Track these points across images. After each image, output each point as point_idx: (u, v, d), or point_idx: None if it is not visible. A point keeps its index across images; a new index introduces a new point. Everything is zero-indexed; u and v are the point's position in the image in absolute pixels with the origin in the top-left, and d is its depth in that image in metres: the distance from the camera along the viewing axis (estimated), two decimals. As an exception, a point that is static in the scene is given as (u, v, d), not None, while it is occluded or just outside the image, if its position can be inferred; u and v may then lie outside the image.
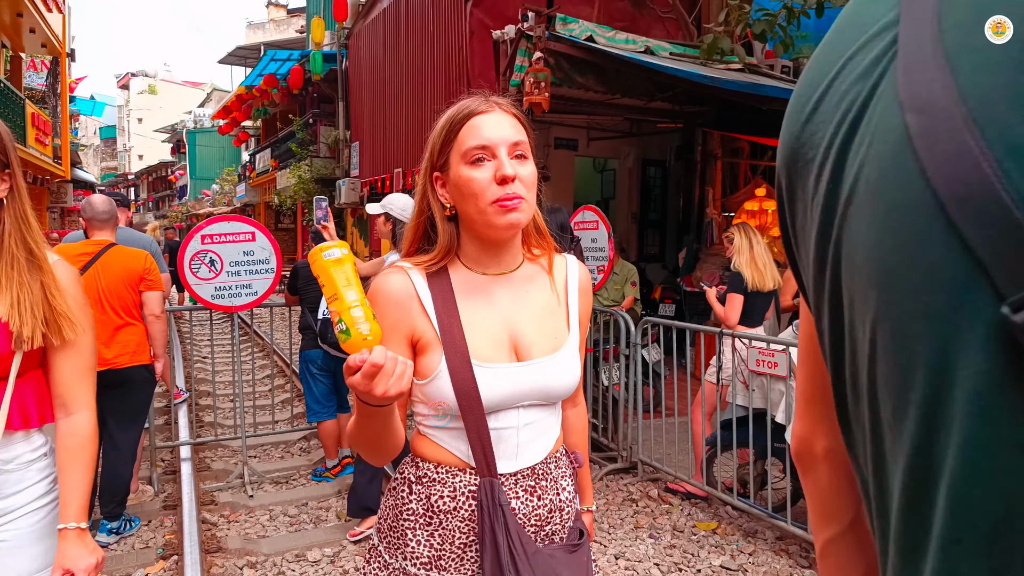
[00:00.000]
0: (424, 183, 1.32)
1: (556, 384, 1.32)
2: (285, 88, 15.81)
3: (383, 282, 1.29)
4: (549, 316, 1.35)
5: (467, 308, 1.29)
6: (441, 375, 1.25)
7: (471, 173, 1.22)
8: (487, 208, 1.22)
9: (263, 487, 4.67)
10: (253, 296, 4.59)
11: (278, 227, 22.62)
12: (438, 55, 8.60)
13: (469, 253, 1.33)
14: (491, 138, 1.22)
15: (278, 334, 10.31)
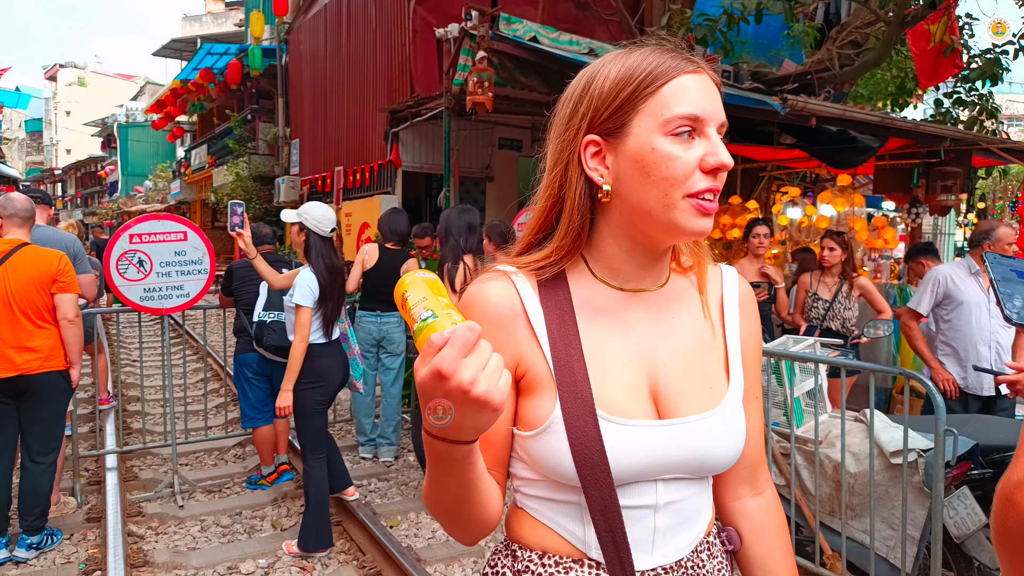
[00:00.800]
0: (564, 149, 0.94)
1: (712, 453, 0.94)
2: (222, 83, 15.35)
3: (479, 291, 0.95)
4: (702, 355, 0.98)
5: (593, 335, 0.94)
6: (554, 428, 0.89)
7: (673, 149, 0.87)
8: (679, 202, 0.88)
9: (194, 496, 4.49)
10: (185, 298, 4.41)
11: (215, 226, 21.96)
12: (380, 53, 8.48)
13: (605, 257, 0.96)
14: (707, 109, 0.88)
15: (214, 336, 9.97)
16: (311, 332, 3.51)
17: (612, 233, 0.95)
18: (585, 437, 0.88)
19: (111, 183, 35.93)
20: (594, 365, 0.92)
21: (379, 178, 8.51)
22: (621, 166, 0.90)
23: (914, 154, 6.27)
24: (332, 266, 3.54)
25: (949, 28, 7.23)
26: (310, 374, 3.55)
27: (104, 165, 38.88)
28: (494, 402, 0.70)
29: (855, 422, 3.33)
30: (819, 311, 4.74)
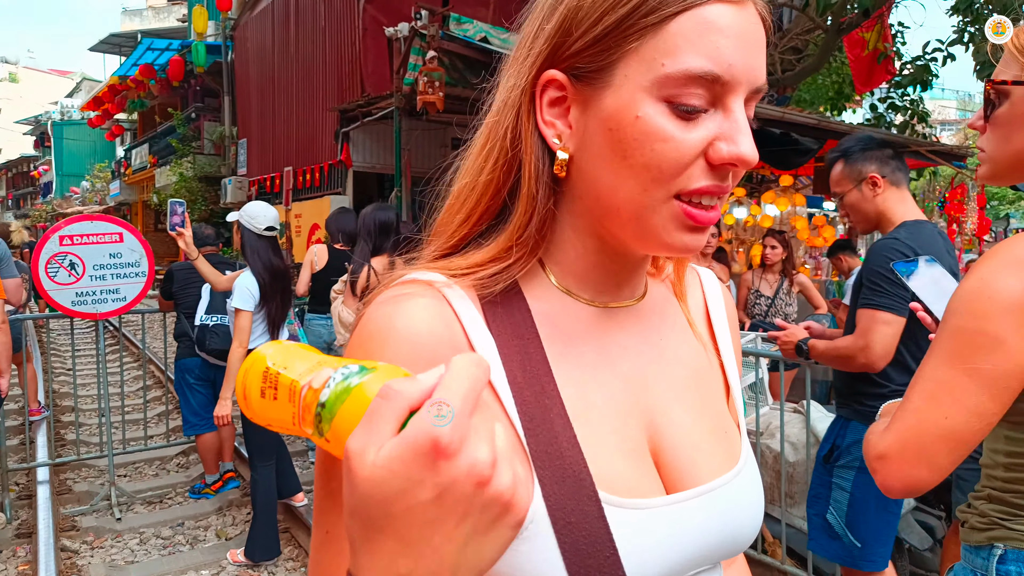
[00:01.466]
0: (516, 86, 0.62)
1: (745, 527, 0.67)
2: (164, 80, 14.90)
3: (393, 315, 0.58)
4: (704, 387, 0.72)
5: (569, 374, 0.63)
6: (536, 530, 0.56)
7: (667, 125, 0.56)
8: (661, 203, 0.58)
9: (133, 508, 4.34)
10: (121, 302, 4.25)
11: (157, 228, 21.31)
12: (330, 51, 8.36)
13: (568, 258, 0.66)
14: (736, 67, 0.56)
15: (155, 342, 9.67)
16: (255, 336, 3.41)
17: (574, 225, 0.65)
18: (587, 537, 0.56)
19: (45, 184, 34.57)
20: (579, 420, 0.61)
21: (329, 178, 8.38)
22: (589, 129, 0.60)
23: (852, 157, 6.48)
24: (272, 266, 3.41)
25: (882, 36, 7.52)
26: None
27: (37, 165, 37.39)
28: (520, 508, 0.41)
29: (794, 413, 3.45)
30: (762, 308, 4.85)
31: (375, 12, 7.22)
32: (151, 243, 15.32)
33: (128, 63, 16.47)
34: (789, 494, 3.22)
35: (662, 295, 0.75)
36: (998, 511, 1.03)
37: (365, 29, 7.25)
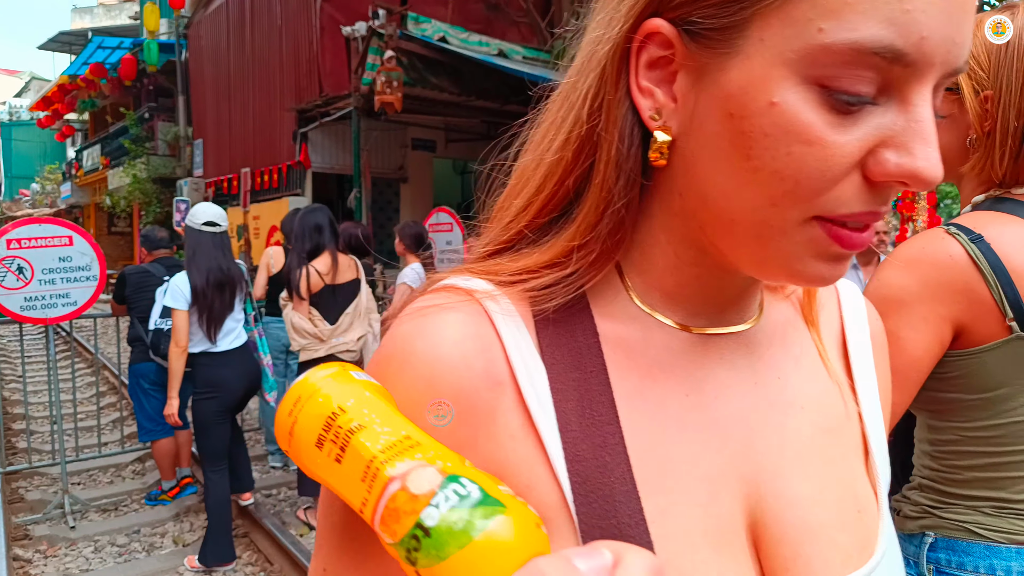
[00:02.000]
0: (600, 43, 0.46)
1: None
2: (116, 79, 14.52)
3: (420, 336, 0.46)
4: (833, 445, 0.53)
5: (645, 423, 0.47)
6: None
7: (815, 121, 0.39)
8: (797, 228, 0.42)
9: (87, 516, 4.24)
10: (72, 306, 4.14)
11: (111, 231, 20.76)
12: (287, 50, 8.25)
13: (655, 268, 0.50)
14: (930, 40, 0.38)
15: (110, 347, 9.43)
16: (194, 335, 3.38)
17: (667, 227, 0.49)
18: None
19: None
20: (651, 487, 0.45)
21: (288, 180, 8.28)
22: (701, 108, 0.43)
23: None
24: (210, 266, 3.38)
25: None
26: (204, 384, 3.45)
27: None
28: None
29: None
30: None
31: (332, 11, 7.16)
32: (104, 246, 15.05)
33: (78, 62, 16.03)
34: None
35: (784, 317, 0.56)
36: (929, 500, 1.06)
37: (322, 28, 7.18)
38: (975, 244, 0.94)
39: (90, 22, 25.20)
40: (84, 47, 15.93)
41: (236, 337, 3.57)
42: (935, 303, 0.95)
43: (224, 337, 3.48)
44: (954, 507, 1.03)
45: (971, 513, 1.01)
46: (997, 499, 1.00)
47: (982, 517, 1.00)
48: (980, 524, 1.00)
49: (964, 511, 1.02)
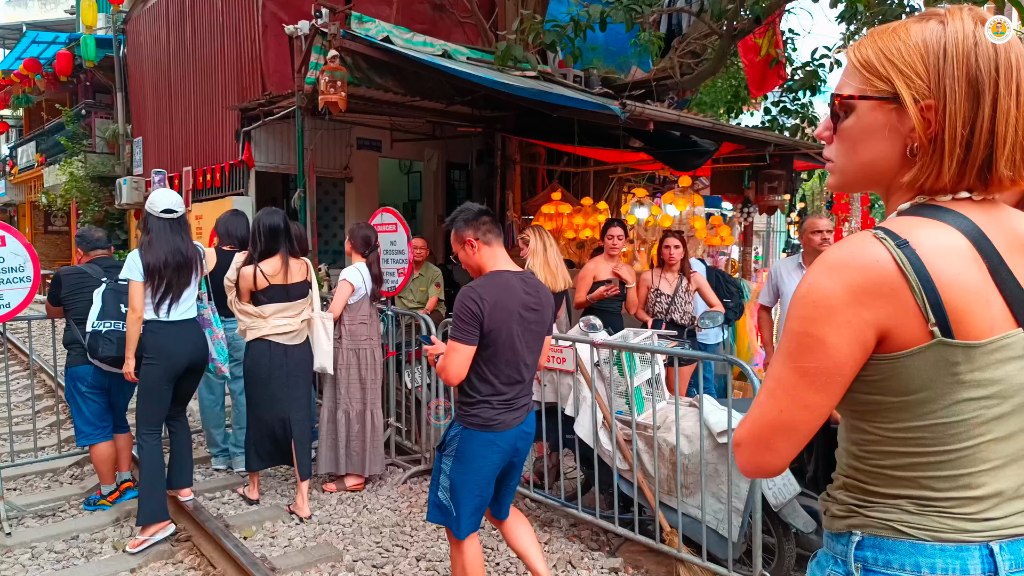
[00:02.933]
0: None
1: None
2: (51, 74, 14.01)
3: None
4: None
5: None
6: None
7: None
8: None
9: (24, 522, 4.14)
10: (5, 308, 4.03)
11: (48, 230, 20.00)
12: (229, 48, 8.12)
13: None
14: None
15: (46, 349, 9.13)
16: (149, 308, 3.70)
17: None
18: None
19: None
20: None
21: (231, 179, 8.14)
22: None
23: (745, 158, 6.85)
24: (163, 245, 3.68)
25: (774, 42, 7.96)
26: (150, 350, 3.71)
27: (-90, 162, 34.31)
28: None
29: (689, 407, 3.62)
30: (662, 305, 5.08)
31: (275, 9, 7.07)
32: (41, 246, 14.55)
33: (12, 56, 15.38)
34: (685, 485, 3.38)
35: None
36: (854, 499, 1.08)
37: (265, 26, 7.09)
38: (901, 249, 0.95)
39: (24, 15, 24.16)
40: (18, 41, 15.32)
41: (187, 310, 3.82)
42: (860, 308, 0.95)
43: (175, 309, 3.76)
44: (879, 506, 1.04)
45: (895, 511, 1.03)
46: (920, 497, 1.01)
47: (906, 515, 1.02)
48: (904, 522, 1.02)
49: (889, 509, 1.03)
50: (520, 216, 7.88)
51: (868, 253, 0.96)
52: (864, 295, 0.95)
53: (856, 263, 0.96)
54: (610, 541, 3.87)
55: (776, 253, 12.72)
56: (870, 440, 1.04)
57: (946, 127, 0.96)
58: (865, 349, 0.97)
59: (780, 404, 1.02)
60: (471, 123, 7.66)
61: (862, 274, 0.95)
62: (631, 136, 6.72)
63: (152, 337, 3.72)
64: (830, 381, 0.99)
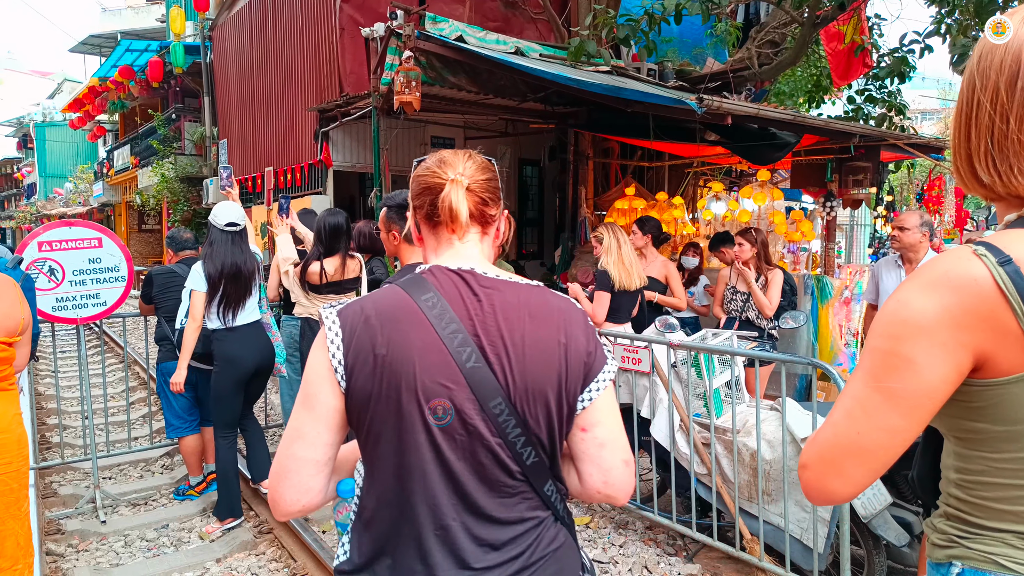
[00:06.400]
0: None
1: None
2: (144, 81, 14.78)
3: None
4: None
5: None
6: None
7: None
8: None
9: (118, 511, 4.36)
10: (101, 307, 4.26)
11: (142, 228, 21.15)
12: (308, 51, 8.34)
13: None
14: None
15: (141, 343, 9.64)
16: (211, 316, 3.86)
17: None
18: None
19: (29, 185, 34.15)
20: None
21: (310, 178, 8.38)
22: None
23: (827, 149, 6.56)
24: (221, 257, 3.85)
25: (859, 29, 7.59)
26: (219, 357, 3.89)
27: (20, 167, 36.91)
28: None
29: (770, 410, 3.48)
30: (738, 303, 4.92)
31: (352, 12, 7.21)
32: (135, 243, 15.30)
33: (108, 64, 16.31)
34: (766, 491, 3.25)
35: None
36: (955, 528, 1.03)
37: (342, 29, 7.24)
38: (1003, 267, 0.87)
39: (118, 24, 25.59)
40: (113, 50, 16.22)
41: (249, 314, 3.98)
42: (956, 330, 0.88)
43: (239, 315, 3.93)
44: (982, 538, 0.99)
45: (999, 545, 0.97)
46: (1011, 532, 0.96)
47: (1010, 550, 0.96)
48: (1008, 556, 0.96)
49: (992, 543, 0.98)
50: (593, 212, 7.79)
51: (966, 271, 0.89)
52: (962, 316, 0.88)
53: (953, 282, 0.89)
54: (687, 546, 3.77)
55: (861, 248, 12.15)
56: (975, 470, 0.98)
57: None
58: (960, 373, 0.90)
59: (858, 426, 0.94)
60: (543, 119, 7.62)
61: (959, 293, 0.88)
62: (707, 129, 6.53)
63: (219, 345, 3.88)
64: (917, 404, 0.91)
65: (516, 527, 1.14)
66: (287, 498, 1.12)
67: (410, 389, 1.08)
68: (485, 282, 1.17)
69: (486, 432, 1.10)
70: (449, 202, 1.18)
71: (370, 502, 1.15)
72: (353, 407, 1.12)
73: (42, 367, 8.90)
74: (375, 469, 1.14)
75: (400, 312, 1.12)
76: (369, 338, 1.10)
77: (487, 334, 1.12)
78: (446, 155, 1.24)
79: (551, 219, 9.68)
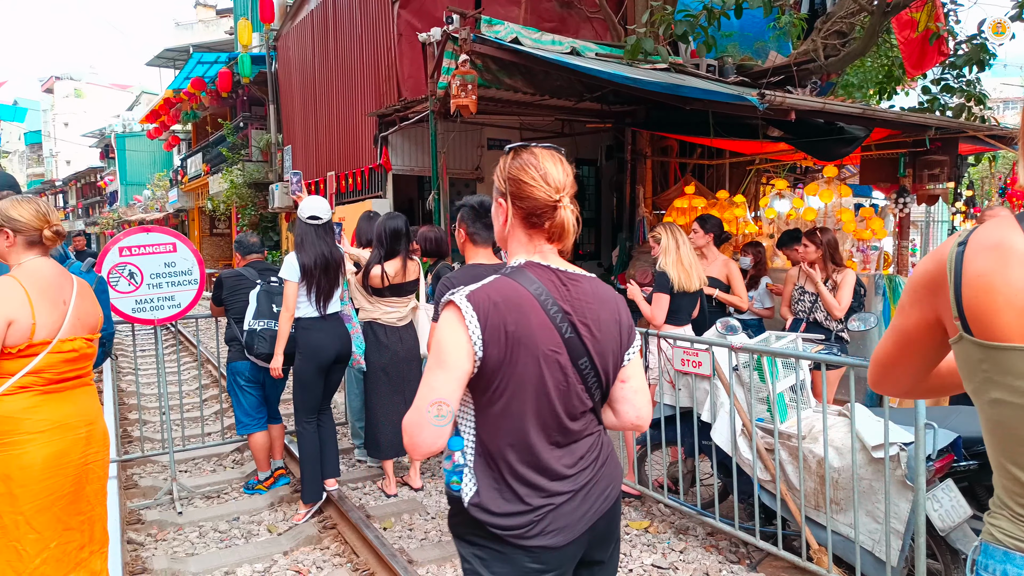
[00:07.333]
0: None
1: None
2: (214, 91, 15.39)
3: None
4: None
5: None
6: None
7: None
8: None
9: (193, 502, 4.55)
10: (176, 308, 4.45)
11: (213, 232, 22.00)
12: (367, 57, 8.51)
13: None
14: None
15: (213, 342, 10.04)
16: (302, 305, 4.04)
17: None
18: None
19: (111, 193, 35.96)
20: None
21: (371, 182, 8.55)
22: None
23: (900, 143, 6.29)
24: (312, 249, 4.01)
25: (934, 15, 7.25)
26: (300, 345, 4.06)
27: (103, 175, 38.90)
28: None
29: (838, 416, 3.36)
30: (806, 304, 4.78)
31: (409, 17, 7.33)
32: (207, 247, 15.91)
33: (181, 76, 17.05)
34: (834, 500, 3.14)
35: None
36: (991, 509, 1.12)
37: (400, 34, 7.37)
38: (957, 247, 1.03)
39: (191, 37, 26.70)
40: (186, 62, 16.94)
41: (333, 304, 4.15)
42: (925, 291, 1.09)
43: (328, 305, 4.12)
44: (993, 513, 1.10)
45: (1000, 519, 1.07)
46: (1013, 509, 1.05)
47: (1005, 523, 1.06)
48: (1002, 530, 1.07)
49: (997, 516, 1.09)
50: (651, 211, 7.69)
51: (942, 248, 1.10)
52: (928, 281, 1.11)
53: (933, 255, 1.11)
54: (751, 554, 3.68)
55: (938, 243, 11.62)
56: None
57: None
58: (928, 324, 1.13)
59: (882, 343, 1.27)
60: (600, 119, 7.57)
61: (933, 264, 1.10)
62: (770, 125, 6.36)
63: (304, 333, 4.06)
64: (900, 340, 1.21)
65: (589, 438, 1.64)
66: (427, 441, 1.45)
67: (532, 355, 1.49)
68: (570, 276, 1.58)
69: (576, 381, 1.55)
70: (562, 223, 1.55)
71: (493, 440, 1.54)
72: (485, 370, 1.48)
73: (124, 365, 9.37)
74: (502, 414, 1.52)
75: (520, 299, 1.50)
76: (501, 319, 1.46)
77: (576, 313, 1.55)
78: (547, 165, 1.54)
79: (608, 219, 9.60)
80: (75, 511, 2.44)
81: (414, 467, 4.71)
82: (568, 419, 1.56)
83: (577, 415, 1.58)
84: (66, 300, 2.43)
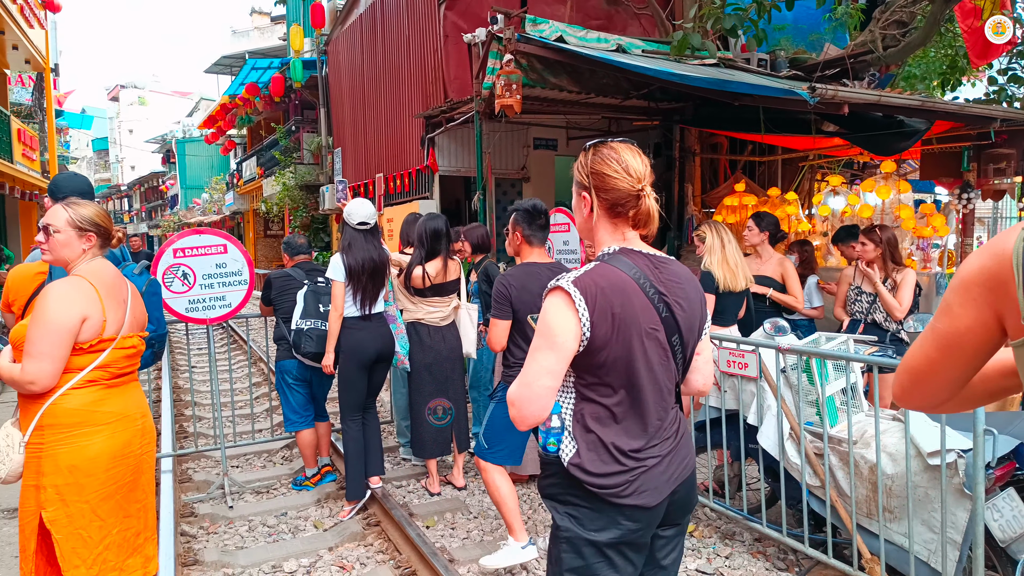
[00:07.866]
0: None
1: None
2: (268, 96, 15.80)
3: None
4: None
5: None
6: None
7: None
8: None
9: (244, 497, 4.66)
10: (227, 308, 4.57)
11: (267, 234, 22.57)
12: (414, 59, 8.59)
13: None
14: None
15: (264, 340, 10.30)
16: (348, 305, 4.11)
17: None
18: None
19: (172, 196, 37.28)
20: None
21: (418, 183, 8.63)
22: None
23: (963, 136, 6.02)
24: (359, 252, 4.10)
25: (999, 3, 6.92)
26: (343, 344, 4.13)
27: (165, 180, 40.35)
28: None
29: (892, 421, 3.23)
30: (863, 304, 4.61)
31: (455, 18, 7.37)
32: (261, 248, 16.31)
33: (236, 82, 17.55)
34: (888, 508, 3.02)
35: None
36: None
37: (446, 36, 7.42)
38: (1023, 240, 0.94)
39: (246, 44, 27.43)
40: (241, 69, 17.43)
41: (376, 305, 4.22)
42: (983, 288, 0.98)
43: (373, 307, 4.21)
44: None
45: None
46: None
47: None
48: None
49: None
50: (700, 209, 7.55)
51: (1003, 239, 0.99)
52: (987, 276, 0.99)
53: (991, 247, 1.01)
54: (799, 562, 3.57)
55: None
56: None
57: None
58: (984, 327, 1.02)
59: (912, 350, 1.12)
60: (647, 116, 7.47)
61: (992, 259, 0.99)
62: (824, 120, 6.17)
63: (345, 332, 4.12)
64: (947, 343, 1.07)
65: (673, 410, 1.78)
66: (535, 413, 1.60)
67: (637, 334, 1.62)
68: (660, 259, 1.72)
69: (669, 355, 1.70)
70: (647, 210, 1.68)
71: (592, 409, 1.67)
72: (592, 349, 1.60)
73: (180, 361, 9.68)
74: (608, 387, 1.66)
75: (623, 283, 1.62)
76: (608, 302, 1.59)
77: (670, 294, 1.68)
78: (627, 157, 1.66)
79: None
80: (133, 499, 2.54)
81: (457, 466, 4.72)
82: (667, 392, 1.72)
83: (671, 388, 1.75)
84: (125, 299, 2.53)
